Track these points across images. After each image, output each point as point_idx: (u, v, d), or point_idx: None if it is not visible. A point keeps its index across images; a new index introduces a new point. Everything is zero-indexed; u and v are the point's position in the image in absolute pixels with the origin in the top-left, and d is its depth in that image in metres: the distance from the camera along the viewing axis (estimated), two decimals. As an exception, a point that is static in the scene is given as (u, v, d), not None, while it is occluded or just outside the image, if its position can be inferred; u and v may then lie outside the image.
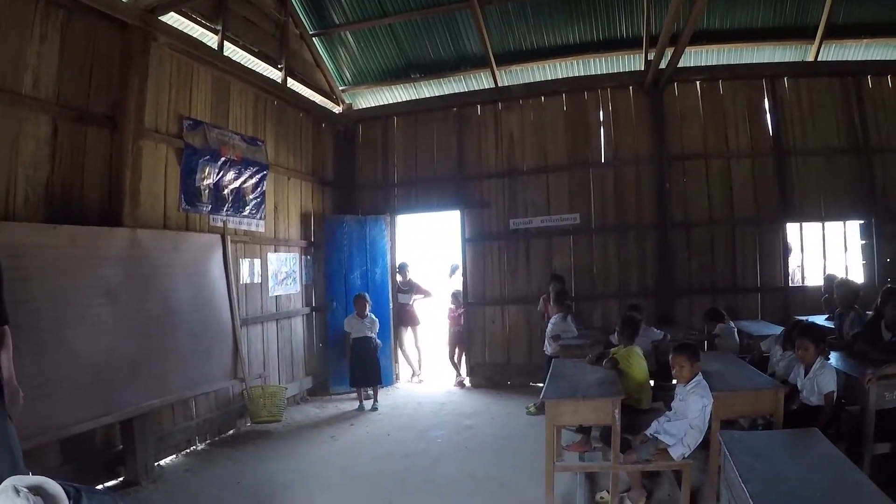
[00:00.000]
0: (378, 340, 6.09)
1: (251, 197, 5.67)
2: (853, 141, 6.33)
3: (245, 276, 5.50)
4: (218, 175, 5.22)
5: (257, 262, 5.68)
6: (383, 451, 4.48)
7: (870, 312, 4.60)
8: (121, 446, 3.99)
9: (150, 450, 4.03)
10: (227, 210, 5.33)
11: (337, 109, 7.35)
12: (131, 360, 3.88)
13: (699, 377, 3.06)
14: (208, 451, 4.62)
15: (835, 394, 3.15)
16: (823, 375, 3.18)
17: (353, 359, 5.86)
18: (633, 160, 6.54)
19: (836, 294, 4.62)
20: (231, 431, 5.07)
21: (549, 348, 5.37)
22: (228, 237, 5.10)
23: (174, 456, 4.46)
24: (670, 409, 3.20)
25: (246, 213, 5.58)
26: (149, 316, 4.10)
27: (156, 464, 4.15)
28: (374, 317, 6.04)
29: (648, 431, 3.13)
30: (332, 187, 7.20)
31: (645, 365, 3.82)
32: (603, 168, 6.62)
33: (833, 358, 3.57)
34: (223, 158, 5.25)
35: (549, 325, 5.44)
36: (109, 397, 3.67)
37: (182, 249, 4.55)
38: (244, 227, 5.55)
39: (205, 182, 5.08)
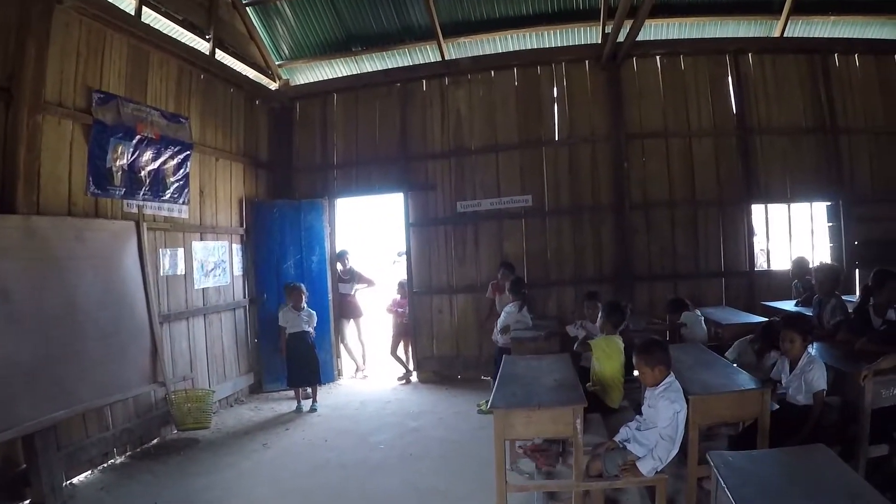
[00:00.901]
0: (314, 334, 6.09)
1: (173, 179, 5.62)
2: (820, 120, 6.55)
3: (166, 268, 5.45)
4: (133, 155, 5.16)
5: (180, 251, 5.63)
6: (319, 459, 4.42)
7: (851, 298, 4.73)
8: (24, 465, 3.82)
9: (57, 467, 3.88)
10: (143, 194, 5.26)
11: (273, 86, 7.33)
12: (28, 366, 3.68)
13: (670, 378, 2.89)
14: (128, 465, 4.51)
15: (825, 392, 3.08)
16: (812, 371, 3.09)
17: (289, 356, 5.84)
18: (588, 138, 6.66)
19: (815, 279, 4.60)
20: (155, 441, 4.98)
21: (499, 339, 5.44)
22: (145, 224, 5.06)
23: (89, 472, 4.32)
24: (640, 414, 3.03)
25: (167, 197, 5.53)
26: (49, 315, 3.92)
27: (67, 482, 4.04)
28: (311, 309, 6.04)
29: (617, 438, 2.97)
30: (268, 170, 7.19)
31: (622, 360, 3.76)
32: (557, 147, 6.72)
33: (813, 350, 3.46)
34: (139, 136, 5.18)
35: (502, 315, 5.49)
36: (2, 411, 3.46)
37: (88, 239, 4.40)
38: (164, 213, 5.49)
39: (118, 163, 5.00)
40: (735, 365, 3.89)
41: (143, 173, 5.25)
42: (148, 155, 5.30)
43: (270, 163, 7.25)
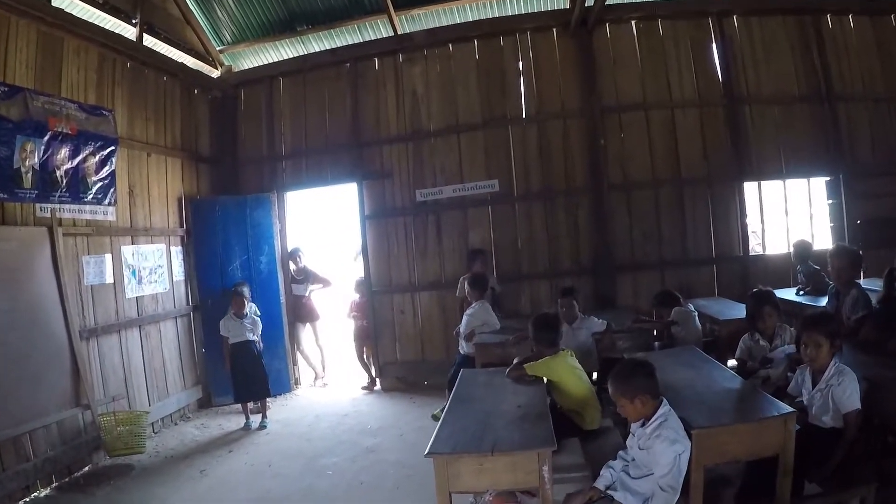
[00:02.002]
0: (261, 344, 6.01)
1: (95, 178, 5.48)
2: (814, 87, 6.44)
3: (90, 277, 5.31)
4: (45, 153, 4.99)
5: (107, 257, 5.48)
6: (259, 490, 4.26)
7: (872, 286, 4.33)
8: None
9: (-30, 505, 3.76)
10: (60, 196, 5.10)
11: (214, 73, 7.21)
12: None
13: (664, 410, 2.46)
14: (53, 498, 4.35)
15: (860, 413, 2.67)
16: (843, 386, 2.67)
17: (233, 369, 5.73)
18: (559, 114, 6.52)
19: (831, 265, 4.16)
20: (86, 469, 4.83)
21: (464, 346, 5.26)
22: (61, 229, 4.91)
23: (9, 508, 4.14)
24: (627, 447, 2.64)
25: (89, 198, 5.38)
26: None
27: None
28: (256, 316, 5.94)
29: (600, 483, 2.55)
30: (210, 164, 7.08)
31: (582, 376, 3.50)
32: (524, 125, 6.58)
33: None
34: (52, 132, 5.03)
35: (464, 318, 5.31)
36: None
37: (-9, 250, 4.27)
38: (87, 216, 5.36)
39: (27, 162, 4.83)
40: (748, 364, 3.67)
41: (58, 173, 5.09)
42: (64, 152, 5.15)
43: (213, 157, 7.13)
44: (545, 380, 3.51)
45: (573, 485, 2.75)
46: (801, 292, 5.53)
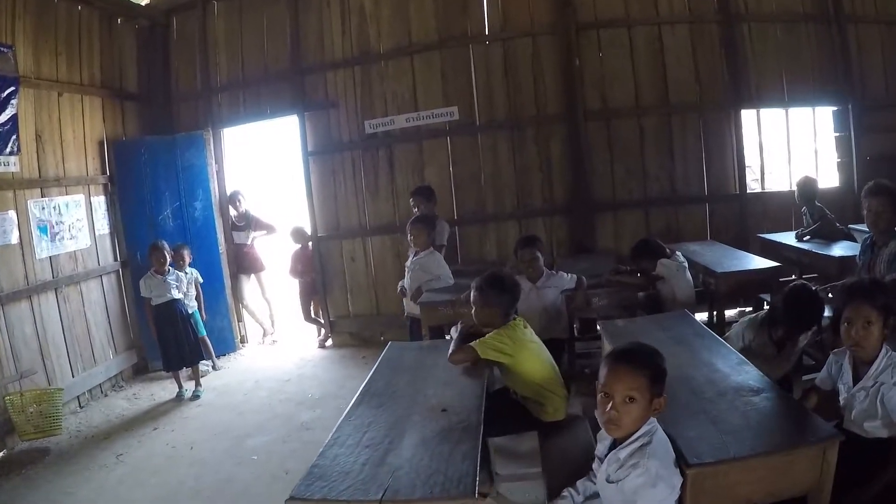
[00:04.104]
0: (193, 303, 5.21)
1: (-7, 125, 4.48)
2: (822, 5, 5.58)
3: (-12, 238, 4.40)
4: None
5: (10, 214, 4.57)
6: (172, 483, 3.66)
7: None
8: None
9: None
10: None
11: (144, 0, 6.13)
12: None
13: (649, 427, 1.63)
14: None
15: None
16: None
17: (160, 333, 4.95)
18: (528, 31, 5.51)
19: (867, 207, 3.03)
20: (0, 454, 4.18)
21: (409, 306, 4.32)
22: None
23: None
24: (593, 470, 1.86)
25: (-16, 149, 4.40)
26: None
27: None
28: (182, 273, 5.10)
29: None
30: (139, 102, 6.06)
31: (543, 353, 2.66)
32: (488, 44, 5.56)
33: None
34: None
35: (408, 272, 4.32)
36: None
37: None
38: (-17, 169, 4.39)
39: None
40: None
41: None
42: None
43: (142, 93, 6.10)
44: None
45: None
46: (805, 237, 4.60)
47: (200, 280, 5.29)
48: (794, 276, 4.85)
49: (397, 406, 2.25)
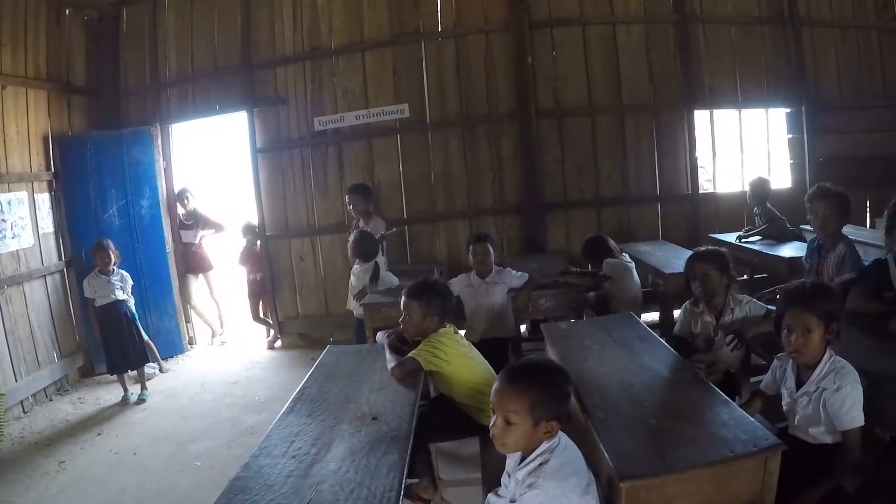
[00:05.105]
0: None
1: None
2: (777, 8, 5.56)
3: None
4: None
5: None
6: (114, 490, 3.51)
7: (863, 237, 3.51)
8: None
9: None
10: None
11: (94, -10, 5.87)
12: None
13: (551, 443, 1.51)
14: None
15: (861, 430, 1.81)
16: (841, 393, 1.78)
17: (103, 335, 4.73)
18: (481, 28, 5.33)
19: (812, 212, 2.94)
20: None
21: (356, 309, 4.14)
22: None
23: None
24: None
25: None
26: None
27: None
28: (125, 272, 4.86)
29: None
30: (87, 96, 5.78)
31: (476, 357, 2.53)
32: (440, 41, 5.38)
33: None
34: None
35: (353, 276, 4.18)
36: None
37: None
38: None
39: None
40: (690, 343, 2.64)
41: None
42: None
43: (90, 87, 5.81)
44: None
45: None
46: (750, 238, 4.54)
47: (130, 281, 5.01)
48: (745, 277, 4.83)
49: (328, 414, 2.14)
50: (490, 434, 1.52)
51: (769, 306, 2.55)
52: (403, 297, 2.52)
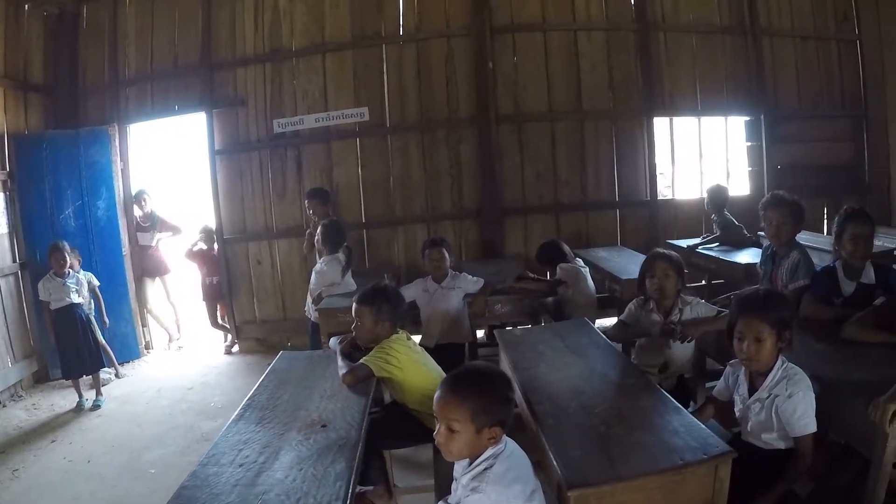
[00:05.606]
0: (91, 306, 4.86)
1: None
2: (738, 18, 5.58)
3: None
4: None
5: None
6: (67, 498, 3.43)
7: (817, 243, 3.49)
8: None
9: None
10: None
11: (53, -15, 5.72)
12: None
13: (496, 450, 1.48)
14: None
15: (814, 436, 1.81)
16: (793, 400, 1.77)
17: (58, 339, 4.60)
18: (443, 32, 5.27)
19: (766, 220, 2.95)
20: None
21: (311, 312, 4.06)
22: None
23: None
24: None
25: None
26: None
27: None
28: (81, 275, 4.74)
29: None
30: (45, 94, 5.62)
31: (428, 362, 2.51)
32: (402, 44, 5.31)
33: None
34: None
35: (312, 275, 4.10)
36: None
37: None
38: None
39: None
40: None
41: None
42: None
43: (48, 85, 5.65)
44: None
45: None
46: (711, 244, 4.55)
47: (96, 282, 4.92)
48: (703, 282, 4.85)
49: (277, 422, 2.10)
50: (435, 442, 1.51)
51: (720, 308, 2.58)
52: (354, 304, 2.49)
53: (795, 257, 2.82)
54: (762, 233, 4.41)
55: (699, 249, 4.53)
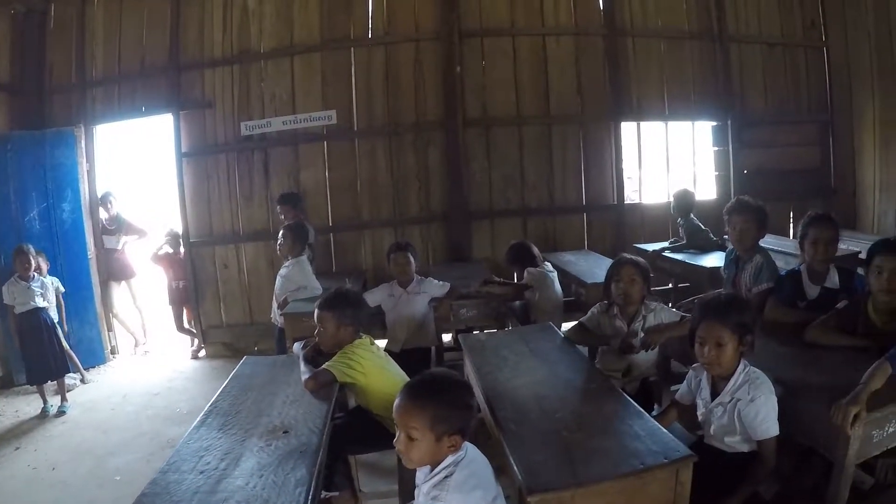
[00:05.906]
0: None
1: None
2: (706, 24, 5.62)
3: None
4: None
5: None
6: None
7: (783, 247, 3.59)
8: None
9: None
10: None
11: (20, -16, 5.62)
12: None
13: (457, 458, 1.48)
14: None
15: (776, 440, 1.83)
16: (755, 404, 1.78)
17: (22, 343, 4.53)
18: (412, 36, 5.27)
19: (730, 224, 2.97)
20: None
21: (277, 317, 4.02)
22: None
23: None
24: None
25: None
26: None
27: None
28: (46, 279, 4.66)
29: None
30: (10, 94, 5.54)
31: (392, 367, 2.51)
32: (370, 47, 5.28)
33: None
34: None
35: (278, 279, 4.07)
36: None
37: None
38: None
39: None
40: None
41: None
42: None
43: (14, 85, 5.56)
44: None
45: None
46: (677, 249, 4.58)
47: (62, 289, 4.82)
48: (670, 286, 4.88)
49: (239, 428, 2.08)
50: (396, 449, 1.50)
51: (683, 313, 2.58)
52: (316, 310, 2.49)
53: (758, 261, 2.84)
54: (728, 237, 4.51)
55: (665, 254, 4.56)
